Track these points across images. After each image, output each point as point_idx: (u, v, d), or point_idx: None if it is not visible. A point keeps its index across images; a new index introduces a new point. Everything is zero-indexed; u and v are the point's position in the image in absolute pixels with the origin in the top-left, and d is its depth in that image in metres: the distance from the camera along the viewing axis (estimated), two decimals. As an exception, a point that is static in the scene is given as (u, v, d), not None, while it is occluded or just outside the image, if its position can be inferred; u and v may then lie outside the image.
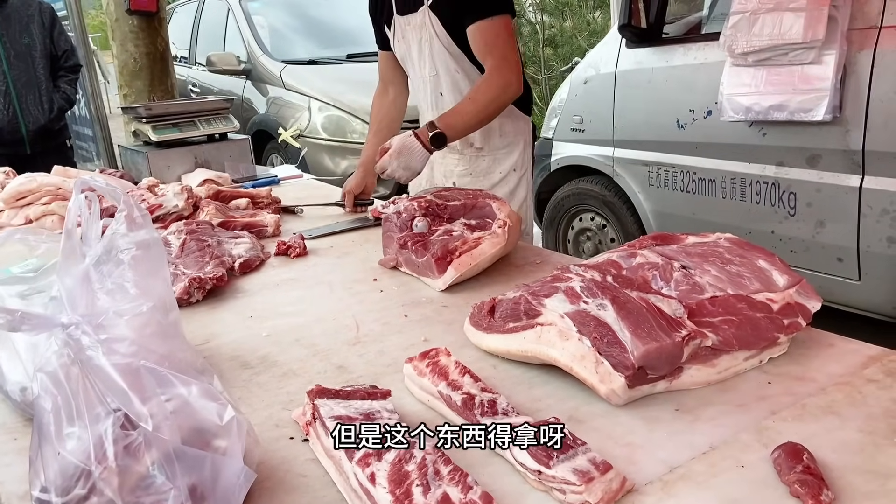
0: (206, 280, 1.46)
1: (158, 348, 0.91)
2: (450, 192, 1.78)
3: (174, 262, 1.54)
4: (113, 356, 0.83)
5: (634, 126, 3.00)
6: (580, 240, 3.51)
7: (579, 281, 1.19)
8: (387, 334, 1.32)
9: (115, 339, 0.85)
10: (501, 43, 1.78)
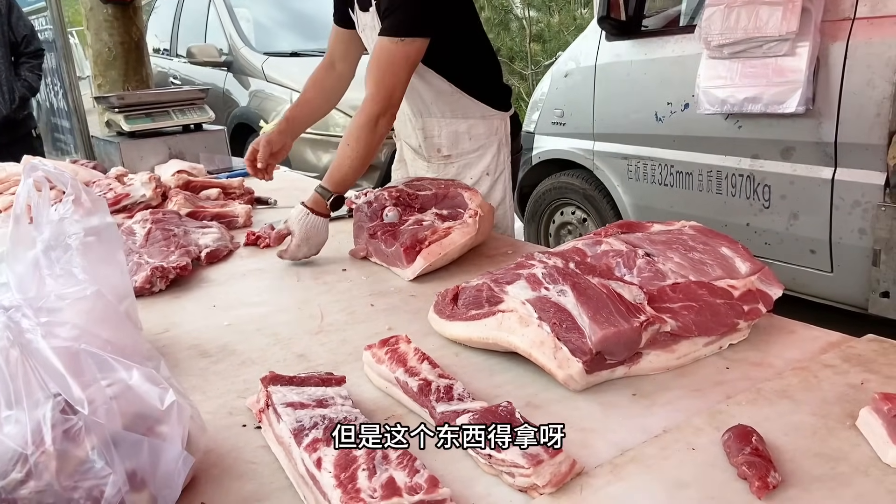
0: (168, 269, 1.44)
1: (102, 333, 0.89)
2: (421, 182, 1.76)
3: (138, 252, 1.52)
4: (53, 339, 0.82)
5: (614, 119, 2.99)
6: (561, 234, 3.51)
7: (541, 268, 1.19)
8: (351, 323, 1.31)
9: (56, 322, 0.84)
10: (385, 69, 1.65)
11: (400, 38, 1.64)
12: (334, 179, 1.65)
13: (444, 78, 1.84)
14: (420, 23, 1.66)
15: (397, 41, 1.64)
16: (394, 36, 1.64)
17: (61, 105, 3.87)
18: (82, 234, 1.09)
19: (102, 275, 1.09)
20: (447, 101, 1.88)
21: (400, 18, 1.64)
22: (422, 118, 1.93)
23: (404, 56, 1.65)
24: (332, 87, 2.01)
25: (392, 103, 1.68)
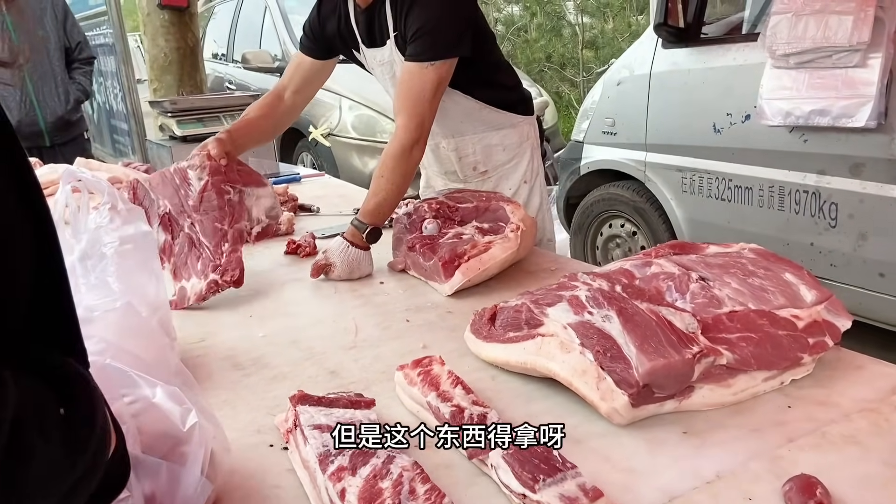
0: (222, 285, 1.42)
1: (130, 347, 0.87)
2: (462, 194, 1.72)
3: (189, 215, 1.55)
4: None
5: (668, 130, 2.88)
6: (609, 247, 3.40)
7: (585, 290, 1.12)
8: (385, 339, 1.27)
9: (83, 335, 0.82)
10: (417, 96, 1.58)
11: (430, 62, 1.58)
12: (370, 212, 1.59)
13: (469, 96, 1.80)
14: (450, 44, 1.61)
15: (427, 66, 1.58)
16: (423, 61, 1.58)
17: (120, 108, 3.97)
18: (118, 242, 1.08)
19: (136, 284, 1.08)
20: (476, 117, 1.85)
21: (429, 42, 1.58)
22: (454, 139, 1.89)
23: (435, 80, 1.60)
24: (280, 116, 1.89)
25: (424, 130, 1.62)
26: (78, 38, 3.41)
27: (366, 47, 1.77)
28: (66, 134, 3.43)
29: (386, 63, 1.75)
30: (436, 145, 1.93)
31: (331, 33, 1.79)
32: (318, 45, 1.83)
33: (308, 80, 1.87)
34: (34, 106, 3.28)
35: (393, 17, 1.65)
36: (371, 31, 1.73)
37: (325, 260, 1.58)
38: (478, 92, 1.80)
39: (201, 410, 0.86)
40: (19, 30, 3.18)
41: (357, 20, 1.73)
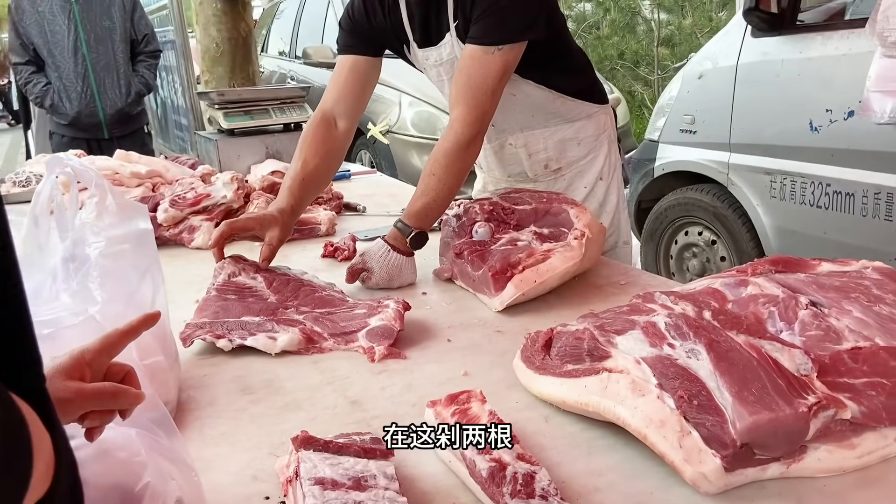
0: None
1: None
2: (520, 195, 1.51)
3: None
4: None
5: (757, 128, 2.58)
6: (684, 256, 3.11)
7: (665, 315, 0.90)
8: (421, 363, 1.08)
9: (26, 359, 0.66)
10: (479, 85, 1.38)
11: (498, 46, 1.37)
12: (416, 214, 1.40)
13: (540, 84, 1.57)
14: (523, 26, 1.40)
15: (493, 51, 1.37)
16: (490, 44, 1.37)
17: (180, 102, 3.95)
18: (104, 242, 0.92)
19: (128, 290, 0.93)
20: (549, 108, 1.62)
21: (498, 23, 1.37)
22: (522, 134, 1.66)
23: (501, 68, 1.39)
24: (337, 151, 1.57)
25: (484, 124, 1.42)
26: (145, 31, 3.38)
27: (418, 47, 1.56)
28: (126, 127, 3.40)
29: (444, 63, 1.54)
30: (500, 145, 1.71)
31: (380, 27, 1.57)
32: (366, 41, 1.57)
33: (359, 89, 1.58)
34: (95, 97, 3.26)
35: (454, 5, 1.45)
36: (426, 26, 1.52)
37: (363, 264, 1.40)
38: (550, 80, 1.57)
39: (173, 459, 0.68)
40: (85, 19, 3.17)
41: (410, 14, 1.52)
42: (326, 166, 1.55)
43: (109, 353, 0.67)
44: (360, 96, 1.60)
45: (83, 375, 0.63)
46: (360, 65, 1.57)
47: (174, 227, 1.72)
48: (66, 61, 3.17)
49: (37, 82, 3.22)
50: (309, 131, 1.55)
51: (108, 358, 0.67)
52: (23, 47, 3.21)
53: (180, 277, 1.51)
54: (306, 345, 1.13)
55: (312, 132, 1.54)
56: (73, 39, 3.17)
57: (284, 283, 1.29)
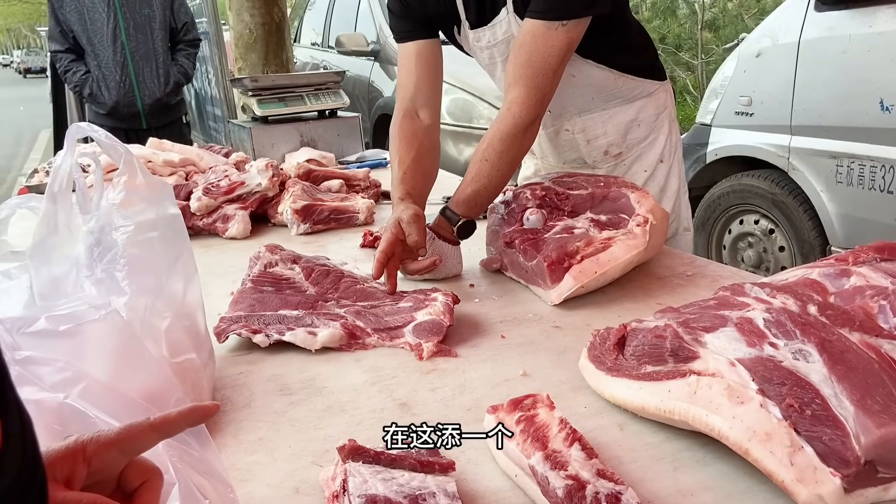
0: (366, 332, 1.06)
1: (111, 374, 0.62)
2: (574, 179, 1.40)
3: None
4: (26, 388, 0.56)
5: (821, 108, 2.41)
6: (738, 247, 2.95)
7: (763, 310, 0.79)
8: (474, 362, 0.98)
9: (38, 360, 0.58)
10: (541, 63, 1.27)
11: (563, 21, 1.25)
12: (465, 201, 1.30)
13: (601, 64, 1.45)
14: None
15: (557, 26, 1.25)
16: (554, 19, 1.25)
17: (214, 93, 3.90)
18: (132, 227, 0.84)
19: (157, 282, 0.85)
20: (610, 89, 1.50)
21: None
22: (580, 118, 1.54)
23: (565, 45, 1.27)
24: (432, 145, 1.48)
25: (545, 105, 1.31)
26: (185, 19, 3.33)
27: (470, 28, 1.45)
28: (164, 117, 3.37)
29: (499, 42, 1.42)
30: (556, 131, 1.59)
31: (431, 8, 1.45)
32: (423, 23, 1.47)
33: (431, 74, 1.46)
34: (133, 87, 3.22)
35: None
36: (480, 4, 1.40)
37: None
38: (611, 58, 1.45)
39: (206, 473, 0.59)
40: (125, 7, 3.13)
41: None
42: (428, 156, 1.44)
43: (126, 450, 0.48)
44: (435, 82, 1.48)
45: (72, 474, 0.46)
46: (426, 49, 1.46)
47: (208, 216, 1.65)
48: (105, 49, 3.14)
49: (76, 70, 3.19)
50: (395, 131, 1.45)
51: (125, 455, 0.48)
52: (62, 35, 3.18)
53: (214, 269, 1.44)
54: (348, 340, 1.04)
55: (399, 131, 1.44)
56: (113, 27, 3.13)
57: (324, 275, 1.20)
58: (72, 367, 0.58)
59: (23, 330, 0.59)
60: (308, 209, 1.64)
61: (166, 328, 0.82)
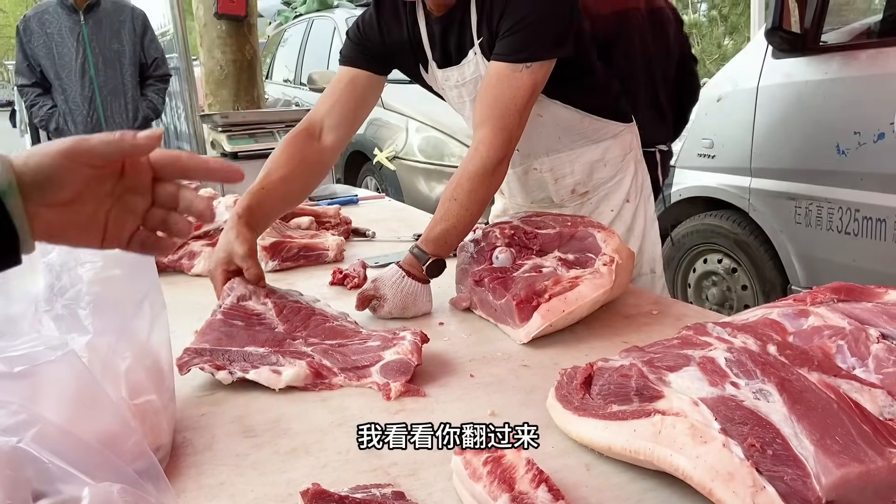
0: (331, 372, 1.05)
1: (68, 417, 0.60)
2: (542, 218, 1.42)
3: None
4: (-25, 431, 0.54)
5: (779, 152, 2.50)
6: (703, 285, 3.00)
7: (724, 349, 0.80)
8: (443, 401, 0.98)
9: (-10, 402, 0.56)
10: (507, 104, 1.29)
11: (527, 63, 1.29)
12: (435, 240, 1.30)
13: (567, 104, 1.49)
14: (553, 42, 1.31)
15: (521, 68, 1.29)
16: (519, 62, 1.29)
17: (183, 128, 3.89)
18: (101, 263, 0.83)
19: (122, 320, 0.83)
20: (576, 129, 1.54)
21: (528, 38, 1.29)
22: (548, 158, 1.58)
23: (530, 86, 1.30)
24: (313, 166, 1.44)
25: (511, 146, 1.33)
26: (155, 55, 3.33)
27: (437, 67, 1.48)
28: None
29: (467, 82, 1.45)
30: (524, 170, 1.62)
31: (394, 44, 1.47)
32: (372, 57, 1.47)
33: (356, 104, 1.47)
34: (101, 121, 3.20)
35: (478, 21, 1.36)
36: (446, 45, 1.43)
37: (375, 290, 1.30)
38: (576, 98, 1.49)
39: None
40: (94, 42, 3.12)
41: (430, 33, 1.43)
42: (294, 186, 1.40)
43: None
44: (355, 112, 1.48)
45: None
46: (361, 79, 1.47)
47: (173, 252, 1.62)
48: (73, 84, 3.12)
49: (42, 104, 3.16)
50: (287, 138, 1.43)
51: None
52: (30, 69, 3.16)
53: (179, 306, 1.41)
54: (314, 380, 1.02)
55: (290, 139, 1.42)
56: (81, 62, 3.12)
57: (295, 312, 1.19)
58: (26, 410, 0.57)
59: (-25, 372, 0.57)
60: (277, 246, 1.63)
61: (126, 368, 0.80)
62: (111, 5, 3.23)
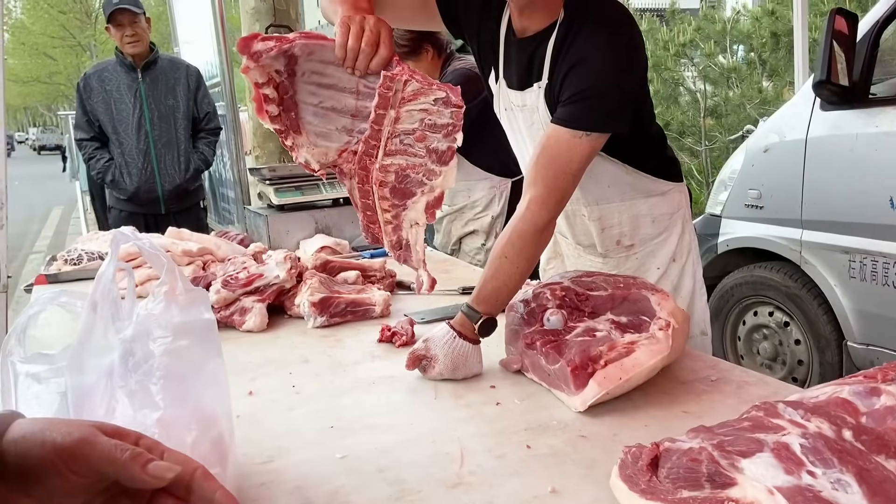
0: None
1: None
2: (593, 279, 1.40)
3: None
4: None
5: (831, 204, 2.45)
6: (754, 338, 2.92)
7: (798, 434, 0.77)
8: (500, 475, 0.96)
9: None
10: (563, 167, 1.31)
11: (587, 132, 1.31)
12: (486, 298, 1.31)
13: (619, 160, 1.51)
14: (613, 116, 1.34)
15: (581, 135, 1.31)
16: (579, 129, 1.31)
17: (228, 176, 3.99)
18: (170, 338, 0.84)
19: (188, 392, 0.84)
20: (625, 181, 1.54)
21: (590, 109, 1.31)
22: (598, 207, 1.59)
23: (587, 153, 1.33)
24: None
25: (562, 206, 1.36)
26: (207, 109, 3.46)
27: (508, 87, 1.50)
28: (183, 202, 3.45)
29: (527, 108, 1.47)
30: (573, 213, 1.63)
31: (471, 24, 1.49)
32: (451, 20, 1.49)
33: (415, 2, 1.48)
34: (155, 173, 3.31)
35: (551, 62, 1.38)
36: (519, 68, 1.45)
37: (426, 351, 1.30)
38: (628, 156, 1.51)
39: None
40: (150, 98, 3.26)
41: (507, 49, 1.46)
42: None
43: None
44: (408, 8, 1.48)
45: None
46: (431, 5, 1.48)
47: (225, 308, 1.65)
48: (129, 138, 3.25)
49: (99, 158, 3.29)
50: None
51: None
52: (88, 124, 3.30)
53: (230, 365, 1.42)
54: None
55: None
56: (138, 117, 3.25)
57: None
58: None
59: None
60: (325, 302, 1.64)
61: (193, 441, 0.81)
62: (167, 63, 3.37)
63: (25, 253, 7.99)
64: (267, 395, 1.27)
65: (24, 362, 0.92)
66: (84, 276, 2.10)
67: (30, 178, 17.50)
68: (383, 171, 1.23)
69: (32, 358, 0.93)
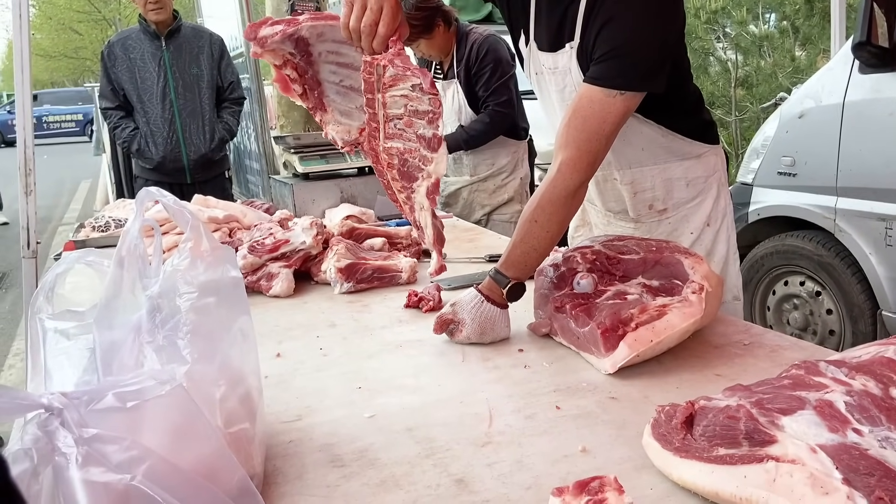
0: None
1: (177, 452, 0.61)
2: (624, 242, 1.38)
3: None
4: (93, 469, 0.54)
5: (868, 170, 2.37)
6: (784, 308, 2.87)
7: (842, 392, 0.75)
8: (529, 435, 0.95)
9: (105, 438, 0.56)
10: (595, 128, 1.27)
11: (621, 91, 1.26)
12: (514, 263, 1.29)
13: (654, 121, 1.46)
14: (649, 74, 1.29)
15: (616, 94, 1.26)
16: (613, 87, 1.26)
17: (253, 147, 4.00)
18: (196, 294, 0.84)
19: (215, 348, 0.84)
20: (659, 144, 1.50)
21: (625, 67, 1.26)
22: (630, 170, 1.54)
23: (622, 112, 1.28)
24: None
25: (595, 168, 1.31)
26: (231, 78, 3.45)
27: (539, 49, 1.46)
28: (208, 172, 3.46)
29: (559, 71, 1.44)
30: (604, 178, 1.59)
31: None
32: None
33: None
34: (180, 143, 3.32)
35: (584, 21, 1.33)
36: (549, 26, 1.41)
37: (454, 315, 1.29)
38: (663, 117, 1.46)
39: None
40: (175, 66, 3.26)
41: (538, 10, 1.43)
42: None
43: None
44: None
45: None
46: None
47: (252, 273, 1.65)
48: (154, 107, 3.26)
49: (125, 127, 3.30)
50: None
51: None
52: (113, 93, 3.31)
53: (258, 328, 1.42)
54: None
55: None
56: (163, 86, 3.25)
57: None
58: (137, 446, 0.57)
59: (91, 406, 0.58)
60: (352, 268, 1.64)
61: (221, 397, 0.81)
62: (191, 31, 3.36)
63: (55, 225, 8.15)
64: (294, 358, 1.27)
65: (52, 319, 0.92)
66: (111, 242, 2.11)
67: (58, 151, 17.74)
68: (388, 154, 1.22)
69: (61, 315, 0.93)
